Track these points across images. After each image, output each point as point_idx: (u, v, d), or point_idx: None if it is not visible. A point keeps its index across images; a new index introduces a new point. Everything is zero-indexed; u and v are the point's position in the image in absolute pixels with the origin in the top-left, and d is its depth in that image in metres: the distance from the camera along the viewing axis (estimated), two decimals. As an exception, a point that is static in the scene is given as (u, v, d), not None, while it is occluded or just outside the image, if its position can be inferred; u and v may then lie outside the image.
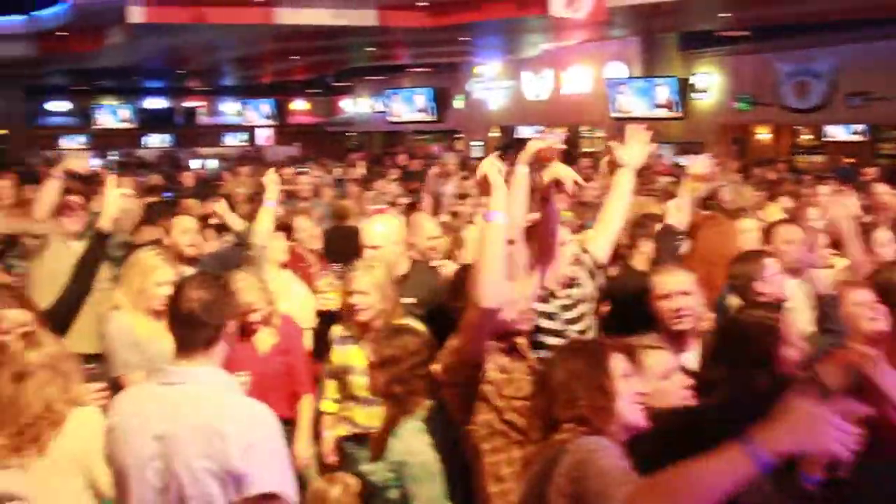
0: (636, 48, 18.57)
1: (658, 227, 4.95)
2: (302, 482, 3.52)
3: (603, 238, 3.86)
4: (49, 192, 4.86)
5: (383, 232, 4.57)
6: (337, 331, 4.22)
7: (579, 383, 2.31)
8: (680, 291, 3.58)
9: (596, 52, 20.12)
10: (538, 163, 3.17)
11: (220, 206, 5.81)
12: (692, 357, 3.48)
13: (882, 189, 8.23)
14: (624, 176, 3.89)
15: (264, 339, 4.33)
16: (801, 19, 15.93)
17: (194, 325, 2.49)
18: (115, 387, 3.47)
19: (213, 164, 19.03)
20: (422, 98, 19.35)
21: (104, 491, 2.85)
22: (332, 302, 4.53)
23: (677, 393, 2.68)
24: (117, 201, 4.53)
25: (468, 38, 18.73)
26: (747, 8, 14.58)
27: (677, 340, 3.53)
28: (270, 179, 5.30)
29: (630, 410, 2.35)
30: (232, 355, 2.63)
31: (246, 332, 4.21)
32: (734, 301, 4.03)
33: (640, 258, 4.78)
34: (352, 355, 4.04)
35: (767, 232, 4.89)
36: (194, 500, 2.36)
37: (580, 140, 23.13)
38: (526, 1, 14.04)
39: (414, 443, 3.21)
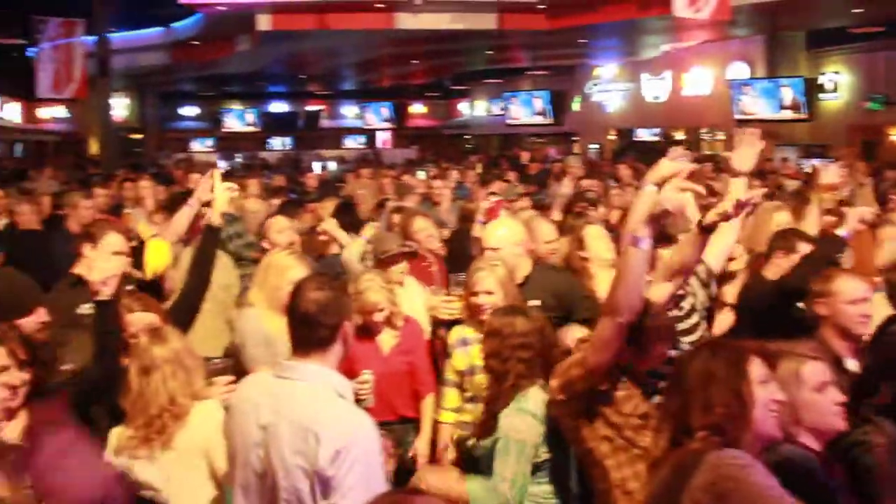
0: (759, 47, 18.05)
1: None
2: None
3: (717, 247, 3.73)
4: (181, 219, 4.78)
5: (504, 234, 4.58)
6: (457, 333, 4.23)
7: (716, 387, 2.21)
8: (865, 297, 3.51)
9: (717, 53, 19.66)
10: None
11: (329, 224, 5.88)
12: (853, 364, 3.40)
13: None
14: (738, 184, 3.82)
15: (387, 339, 4.41)
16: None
17: (310, 325, 2.54)
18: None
19: (333, 165, 19.52)
20: (540, 101, 19.34)
21: (225, 481, 3.00)
22: (456, 310, 4.43)
23: (829, 408, 2.51)
24: (224, 196, 4.53)
25: (587, 40, 18.62)
26: (882, 2, 13.96)
27: (846, 347, 3.45)
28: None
29: (766, 420, 2.24)
30: (355, 354, 2.71)
31: (369, 331, 4.33)
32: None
33: (774, 270, 4.59)
34: (475, 355, 4.02)
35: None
36: (285, 493, 2.45)
37: (700, 143, 22.64)
38: (648, 2, 13.88)
39: (516, 421, 3.27)
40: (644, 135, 23.93)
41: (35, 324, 3.33)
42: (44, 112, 28.69)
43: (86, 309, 3.70)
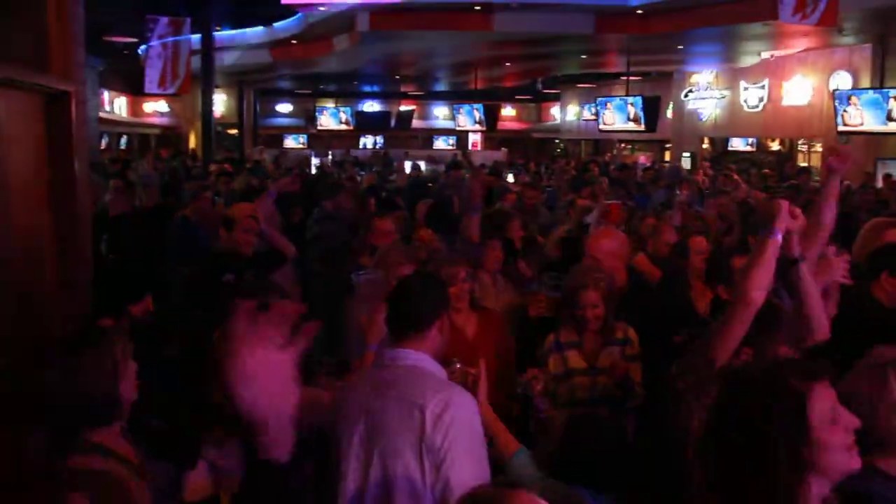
0: (865, 56, 17.51)
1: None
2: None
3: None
4: (263, 205, 5.59)
5: (610, 247, 4.73)
6: (550, 337, 4.23)
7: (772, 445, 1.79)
8: None
9: (819, 61, 19.15)
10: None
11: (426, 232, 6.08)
12: None
13: None
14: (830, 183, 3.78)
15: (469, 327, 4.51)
16: None
17: (408, 315, 2.80)
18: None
19: (422, 165, 19.72)
20: (633, 107, 19.14)
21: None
22: (544, 306, 4.56)
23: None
24: None
25: (684, 46, 18.37)
26: None
27: None
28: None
29: (840, 459, 1.84)
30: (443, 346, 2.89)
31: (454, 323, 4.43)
32: None
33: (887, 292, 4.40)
34: (573, 359, 4.10)
35: None
36: (398, 480, 2.58)
37: (796, 154, 22.10)
38: (747, 7, 13.63)
39: None
40: (739, 144, 23.49)
41: (143, 310, 3.59)
42: (147, 106, 29.85)
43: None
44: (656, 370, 3.73)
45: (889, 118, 14.72)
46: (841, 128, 15.84)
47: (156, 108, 30.11)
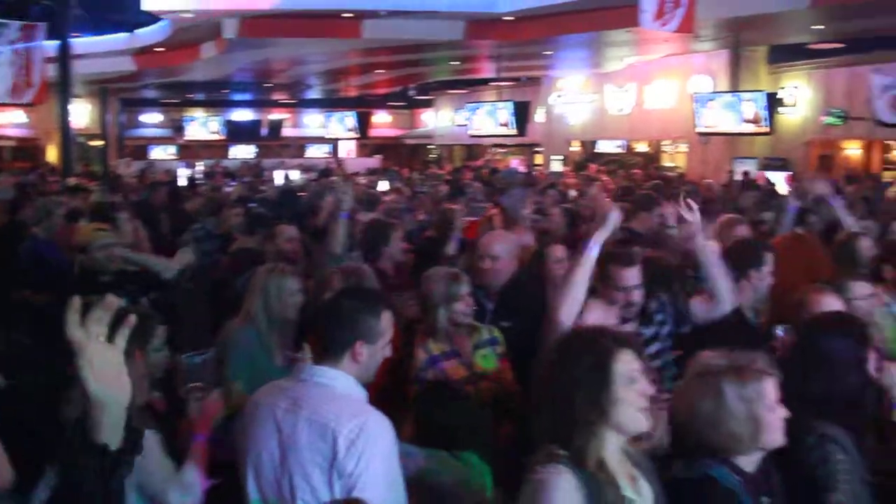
0: (722, 62, 18.35)
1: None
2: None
3: None
4: None
5: (503, 246, 4.62)
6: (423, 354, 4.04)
7: (572, 394, 2.18)
8: None
9: (681, 66, 19.92)
10: None
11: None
12: None
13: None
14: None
15: None
16: (898, 31, 15.53)
17: (327, 334, 2.68)
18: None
19: (295, 175, 19.39)
20: (504, 112, 19.40)
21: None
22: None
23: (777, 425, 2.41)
24: None
25: (552, 52, 18.76)
26: (841, 20, 14.27)
27: None
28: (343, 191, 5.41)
29: (632, 418, 2.21)
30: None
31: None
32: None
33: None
34: (452, 372, 3.92)
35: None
36: (300, 491, 2.53)
37: (661, 155, 22.93)
38: (612, 15, 14.01)
39: None
40: (607, 146, 24.17)
41: None
42: (2, 117, 28.22)
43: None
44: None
45: (744, 119, 15.43)
46: (700, 129, 16.50)
47: (11, 118, 28.51)
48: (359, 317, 2.68)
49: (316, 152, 34.18)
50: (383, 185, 13.97)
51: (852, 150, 19.59)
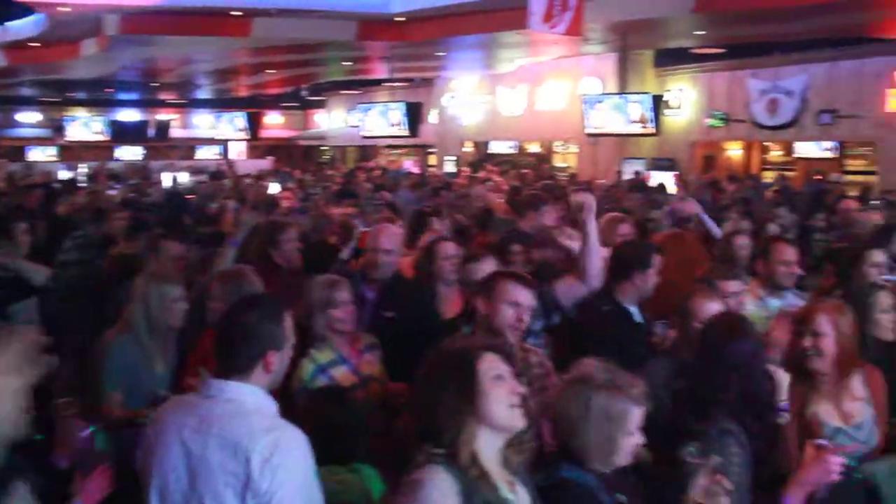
0: (611, 64, 18.78)
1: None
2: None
3: None
4: None
5: (392, 240, 4.71)
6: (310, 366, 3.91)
7: (442, 392, 2.25)
8: None
9: (571, 68, 20.28)
10: None
11: None
12: None
13: (852, 205, 8.47)
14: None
15: None
16: (773, 38, 16.20)
17: (235, 345, 2.53)
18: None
19: (184, 177, 18.86)
20: (396, 113, 19.32)
21: None
22: None
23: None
24: None
25: (444, 53, 18.81)
26: (721, 26, 14.79)
27: None
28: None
29: (504, 414, 2.26)
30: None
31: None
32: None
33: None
34: (343, 378, 3.83)
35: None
36: None
37: (553, 155, 23.31)
38: (503, 17, 14.13)
39: None
40: (500, 147, 24.41)
41: None
42: None
43: None
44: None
45: (631, 121, 15.82)
46: (588, 130, 16.83)
47: None
48: (265, 327, 2.55)
49: (206, 154, 33.35)
50: (275, 188, 13.75)
51: (734, 151, 20.37)
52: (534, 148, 24.14)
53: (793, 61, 17.28)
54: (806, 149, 18.82)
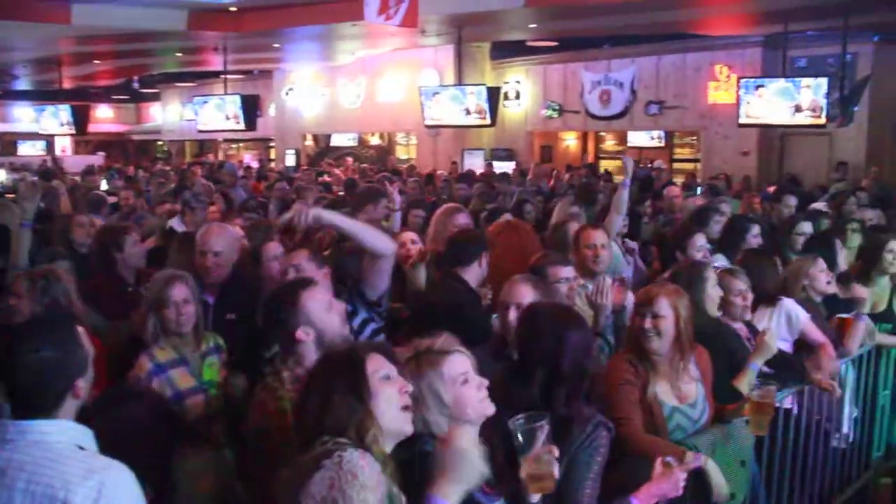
0: (449, 56, 18.91)
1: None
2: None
3: None
4: None
5: (223, 240, 4.54)
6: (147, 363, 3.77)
7: (332, 393, 2.22)
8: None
9: (410, 60, 20.32)
10: None
11: None
12: None
13: (676, 192, 8.86)
14: None
15: None
16: (604, 32, 16.76)
17: (38, 385, 2.20)
18: None
19: (2, 175, 17.63)
20: (232, 106, 18.73)
21: None
22: None
23: (475, 396, 2.52)
24: None
25: (280, 44, 18.42)
26: (553, 20, 15.15)
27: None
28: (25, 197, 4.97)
29: (394, 416, 2.26)
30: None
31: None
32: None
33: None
34: (180, 379, 3.73)
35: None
36: None
37: (395, 147, 23.32)
38: (339, 8, 13.95)
39: None
40: (341, 140, 24.20)
41: None
42: None
43: None
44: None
45: (468, 112, 16.00)
46: (427, 122, 16.93)
47: None
48: (68, 358, 2.23)
49: (30, 150, 31.35)
50: (104, 185, 13.10)
51: (570, 141, 21.01)
52: (375, 140, 24.07)
53: (622, 55, 17.99)
54: (637, 138, 19.65)
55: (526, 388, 2.91)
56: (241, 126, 18.66)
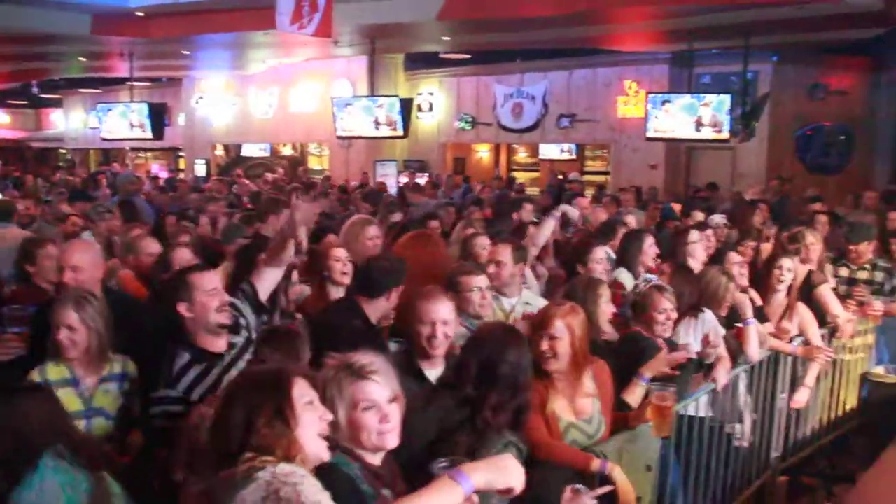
0: (362, 67, 18.84)
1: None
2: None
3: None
4: None
5: (84, 259, 4.37)
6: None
7: (258, 409, 2.18)
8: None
9: (323, 70, 20.17)
10: None
11: None
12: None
13: (585, 203, 9.02)
14: None
15: None
16: (516, 46, 16.96)
17: None
18: None
19: None
20: (138, 114, 18.23)
21: None
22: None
23: (374, 427, 2.50)
24: None
25: (189, 52, 18.06)
26: (466, 33, 15.26)
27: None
28: None
29: (312, 441, 2.24)
30: None
31: None
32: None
33: None
34: (65, 401, 3.50)
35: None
36: None
37: (307, 157, 23.10)
38: (251, 16, 13.76)
39: None
40: (252, 150, 23.84)
41: None
42: None
43: None
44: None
45: (379, 123, 15.99)
46: (339, 133, 16.85)
47: None
48: None
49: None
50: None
51: (483, 153, 21.18)
52: (287, 150, 23.80)
53: (534, 68, 18.24)
54: (549, 150, 19.93)
55: (460, 391, 3.01)
56: (148, 135, 18.20)
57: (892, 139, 15.92)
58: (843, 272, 6.73)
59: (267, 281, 3.89)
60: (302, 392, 2.25)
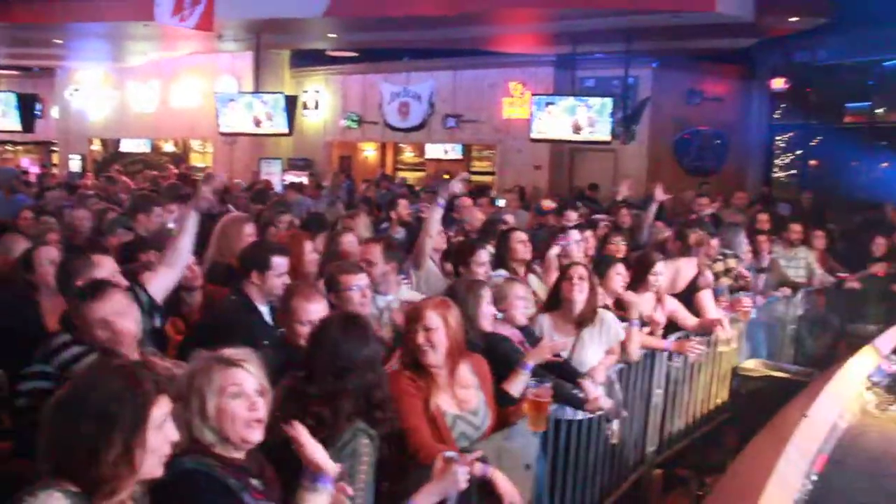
0: (247, 63, 18.46)
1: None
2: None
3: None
4: None
5: None
6: None
7: (105, 446, 2.02)
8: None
9: (207, 65, 19.67)
10: None
11: None
12: None
13: (468, 202, 9.07)
14: None
15: None
16: (403, 45, 16.95)
17: None
18: None
19: None
20: (4, 104, 17.32)
21: None
22: None
23: (242, 415, 2.47)
24: None
25: (61, 40, 17.30)
26: (353, 31, 15.15)
27: None
28: None
29: (155, 462, 2.11)
30: None
31: None
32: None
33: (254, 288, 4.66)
34: None
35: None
36: None
37: (190, 154, 22.48)
38: (127, 6, 13.31)
39: None
40: (131, 146, 23.04)
41: None
42: None
43: None
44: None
45: (257, 122, 15.75)
46: (222, 129, 16.49)
47: None
48: None
49: None
50: None
51: (369, 152, 21.07)
52: (169, 147, 23.10)
53: (421, 68, 18.25)
54: (435, 150, 19.99)
55: (310, 386, 2.97)
56: (17, 127, 17.35)
57: (763, 143, 16.69)
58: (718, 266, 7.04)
59: (160, 282, 3.96)
60: (160, 413, 2.09)
